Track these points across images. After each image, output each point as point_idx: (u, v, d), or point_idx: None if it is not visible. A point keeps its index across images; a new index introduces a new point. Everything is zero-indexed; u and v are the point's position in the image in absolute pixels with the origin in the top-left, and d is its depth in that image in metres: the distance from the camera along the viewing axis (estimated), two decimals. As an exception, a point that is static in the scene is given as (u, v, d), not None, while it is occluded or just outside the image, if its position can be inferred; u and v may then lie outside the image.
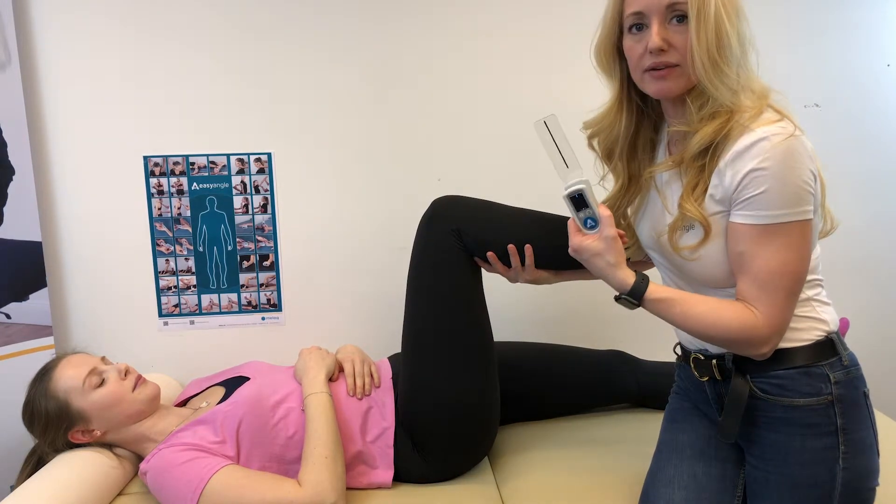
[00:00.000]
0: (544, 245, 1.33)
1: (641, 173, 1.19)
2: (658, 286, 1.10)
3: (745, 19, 1.03)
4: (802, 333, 1.07)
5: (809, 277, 1.08)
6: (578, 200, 1.11)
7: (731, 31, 0.99)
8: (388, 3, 1.76)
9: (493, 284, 1.44)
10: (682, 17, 1.01)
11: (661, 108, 1.17)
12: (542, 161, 1.81)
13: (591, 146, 1.23)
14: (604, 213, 1.11)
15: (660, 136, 1.20)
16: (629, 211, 1.25)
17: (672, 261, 1.15)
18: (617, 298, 1.12)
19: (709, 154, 1.04)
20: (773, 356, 1.07)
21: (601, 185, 1.26)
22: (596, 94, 1.82)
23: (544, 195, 1.42)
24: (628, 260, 1.21)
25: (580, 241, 1.13)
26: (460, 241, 1.35)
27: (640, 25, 1.05)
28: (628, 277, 1.10)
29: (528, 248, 1.33)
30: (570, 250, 1.15)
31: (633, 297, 1.09)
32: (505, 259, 1.35)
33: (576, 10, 1.80)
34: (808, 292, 1.08)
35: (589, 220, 1.12)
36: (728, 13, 0.99)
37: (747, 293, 1.04)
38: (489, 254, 1.35)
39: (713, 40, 0.99)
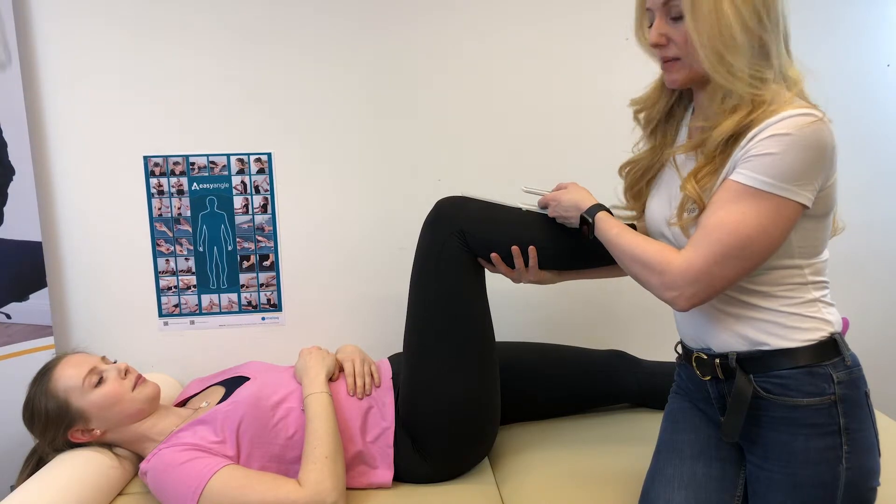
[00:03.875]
0: (548, 246, 1.34)
1: (665, 146, 1.22)
2: (612, 217, 1.21)
3: (763, 6, 1.00)
4: (807, 333, 1.07)
5: (817, 279, 1.08)
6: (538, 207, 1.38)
7: (734, 23, 0.98)
8: (388, 4, 1.76)
9: (494, 285, 1.44)
10: (680, 14, 1.02)
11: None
12: (543, 161, 1.84)
13: (635, 118, 1.27)
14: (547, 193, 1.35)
15: (685, 119, 1.21)
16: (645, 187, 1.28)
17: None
18: (581, 222, 1.25)
19: (729, 143, 1.04)
20: (776, 355, 1.07)
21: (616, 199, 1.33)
22: (594, 94, 1.84)
23: (546, 196, 1.43)
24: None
25: (553, 197, 1.31)
26: (464, 242, 1.36)
27: (652, 20, 1.08)
28: (592, 201, 1.25)
29: (531, 250, 1.33)
30: (551, 215, 1.33)
31: (590, 213, 1.21)
32: (508, 260, 1.35)
33: (575, 11, 1.81)
34: (814, 293, 1.08)
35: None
36: (728, 4, 0.98)
37: (690, 240, 1.05)
38: (493, 255, 1.35)
39: (714, 34, 0.99)
